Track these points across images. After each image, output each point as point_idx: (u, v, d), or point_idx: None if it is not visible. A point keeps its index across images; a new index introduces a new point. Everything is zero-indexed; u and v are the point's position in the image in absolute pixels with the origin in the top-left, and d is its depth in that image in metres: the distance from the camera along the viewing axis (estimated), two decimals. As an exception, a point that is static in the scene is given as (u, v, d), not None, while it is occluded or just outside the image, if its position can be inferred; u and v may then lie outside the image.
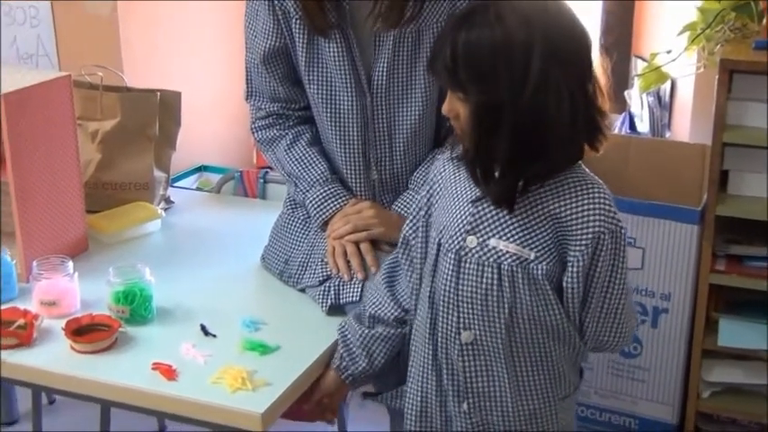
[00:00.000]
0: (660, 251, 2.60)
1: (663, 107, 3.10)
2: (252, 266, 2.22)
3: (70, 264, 2.01)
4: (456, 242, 1.64)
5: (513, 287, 1.60)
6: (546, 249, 1.58)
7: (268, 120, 2.16)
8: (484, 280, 1.61)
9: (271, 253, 2.19)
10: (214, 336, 1.90)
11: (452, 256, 1.64)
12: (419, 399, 1.75)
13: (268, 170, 2.77)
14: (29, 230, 2.11)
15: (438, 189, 1.73)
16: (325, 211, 2.06)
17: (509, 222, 1.60)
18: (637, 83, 2.99)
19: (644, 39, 3.33)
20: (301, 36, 2.00)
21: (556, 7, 1.55)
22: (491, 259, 1.60)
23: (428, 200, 1.75)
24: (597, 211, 1.56)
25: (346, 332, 1.85)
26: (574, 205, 1.57)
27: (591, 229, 1.56)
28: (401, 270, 1.83)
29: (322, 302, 2.00)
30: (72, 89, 2.18)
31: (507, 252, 1.59)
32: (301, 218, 2.16)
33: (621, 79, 3.39)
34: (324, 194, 2.06)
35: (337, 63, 1.99)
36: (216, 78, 3.59)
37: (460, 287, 1.64)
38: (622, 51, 3.38)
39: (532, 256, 1.58)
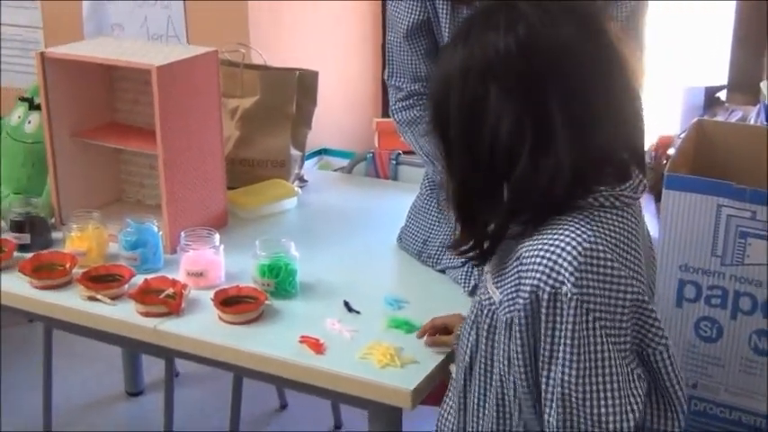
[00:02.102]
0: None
1: (802, 99, 3.00)
2: (389, 246, 2.22)
3: (217, 236, 2.03)
4: None
5: (477, 327, 1.42)
6: (511, 295, 1.33)
7: (408, 101, 2.14)
8: (471, 310, 1.48)
9: (408, 233, 2.19)
10: (358, 312, 1.91)
11: None
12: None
13: (400, 152, 2.76)
14: (174, 203, 2.14)
15: None
16: None
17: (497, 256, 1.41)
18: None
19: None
20: (444, 7, 1.99)
21: (521, 30, 1.28)
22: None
23: None
24: (544, 262, 1.27)
25: None
26: (531, 248, 1.31)
27: (530, 281, 1.28)
28: None
29: (464, 283, 1.98)
30: (219, 65, 2.20)
31: (485, 287, 1.43)
32: (440, 199, 2.15)
33: (756, 71, 3.31)
34: (462, 174, 2.04)
35: None
36: (340, 63, 3.61)
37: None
38: (756, 42, 3.29)
39: (498, 299, 1.36)
